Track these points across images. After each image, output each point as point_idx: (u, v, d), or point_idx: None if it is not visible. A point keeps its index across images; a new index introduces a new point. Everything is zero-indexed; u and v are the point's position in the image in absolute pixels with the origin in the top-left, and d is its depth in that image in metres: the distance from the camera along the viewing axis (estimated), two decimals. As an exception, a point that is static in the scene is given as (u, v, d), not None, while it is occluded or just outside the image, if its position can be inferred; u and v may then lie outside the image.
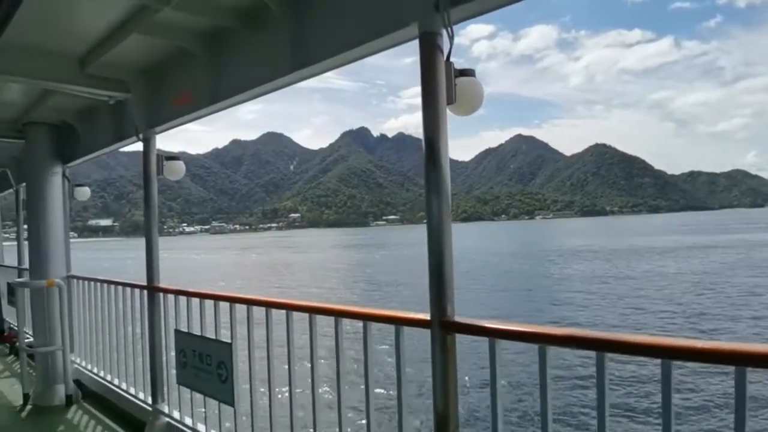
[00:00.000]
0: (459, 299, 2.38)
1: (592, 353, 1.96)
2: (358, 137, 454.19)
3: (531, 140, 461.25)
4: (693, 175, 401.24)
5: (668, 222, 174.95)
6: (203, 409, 4.16)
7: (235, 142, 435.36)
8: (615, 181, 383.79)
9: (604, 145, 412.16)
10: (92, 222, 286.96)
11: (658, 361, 1.79)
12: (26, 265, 7.69)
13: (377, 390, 3.01)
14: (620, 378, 14.91)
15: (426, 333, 2.42)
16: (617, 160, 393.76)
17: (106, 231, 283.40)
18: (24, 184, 8.09)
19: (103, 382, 5.74)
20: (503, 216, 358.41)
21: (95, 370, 6.00)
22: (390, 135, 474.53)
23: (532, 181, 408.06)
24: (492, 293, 36.03)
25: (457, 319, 2.36)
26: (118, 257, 78.85)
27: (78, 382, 6.03)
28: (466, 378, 13.57)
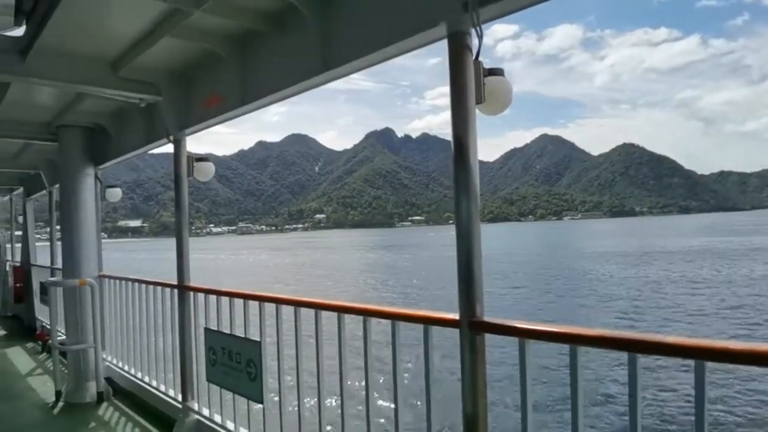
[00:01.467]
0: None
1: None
2: (382, 138, 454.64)
3: (557, 140, 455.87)
4: (723, 175, 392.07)
5: (701, 223, 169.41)
6: (232, 407, 4.20)
7: (261, 144, 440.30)
8: (644, 182, 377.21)
9: (632, 145, 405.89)
10: (122, 223, 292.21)
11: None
12: (59, 264, 7.89)
13: (404, 389, 2.98)
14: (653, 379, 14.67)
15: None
16: (646, 160, 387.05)
17: (135, 232, 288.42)
18: (57, 185, 8.27)
19: (134, 379, 5.84)
20: (530, 217, 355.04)
21: (126, 368, 6.10)
22: (414, 136, 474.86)
23: (559, 181, 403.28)
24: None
25: (487, 319, 2.34)
26: (156, 257, 79.55)
27: (109, 380, 6.14)
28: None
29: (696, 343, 1.73)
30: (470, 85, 2.31)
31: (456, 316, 2.40)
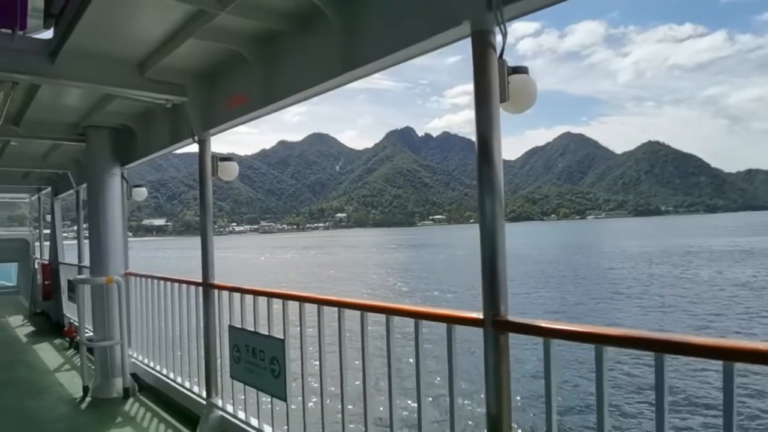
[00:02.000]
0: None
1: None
2: (402, 137, 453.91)
3: (580, 138, 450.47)
4: (751, 174, 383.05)
5: (726, 222, 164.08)
6: (256, 404, 4.24)
7: (282, 143, 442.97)
8: (669, 180, 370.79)
9: (657, 143, 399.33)
10: (146, 222, 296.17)
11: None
12: (86, 262, 8.03)
13: (429, 389, 2.97)
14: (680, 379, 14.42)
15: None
16: (671, 158, 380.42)
17: (159, 230, 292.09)
18: (84, 184, 8.42)
19: (159, 375, 5.93)
20: (553, 216, 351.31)
21: (151, 364, 6.20)
22: (434, 135, 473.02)
23: (582, 180, 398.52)
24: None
25: (511, 318, 2.33)
26: (184, 255, 78.88)
27: (134, 376, 6.23)
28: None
29: (724, 343, 1.71)
30: (494, 83, 2.30)
31: (480, 315, 2.39)
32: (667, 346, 1.87)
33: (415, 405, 2.88)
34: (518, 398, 12.69)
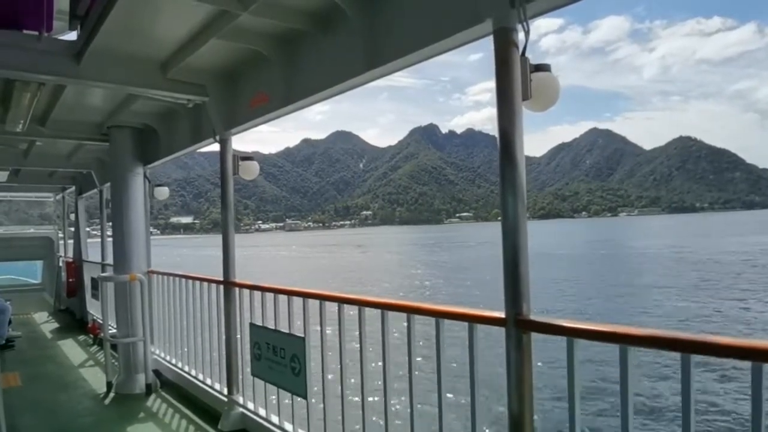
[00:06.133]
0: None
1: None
2: (426, 134, 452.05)
3: (607, 134, 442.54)
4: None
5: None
6: (277, 401, 4.26)
7: (306, 141, 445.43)
8: (703, 176, 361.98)
9: (689, 138, 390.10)
10: (174, 219, 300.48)
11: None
12: (109, 260, 8.15)
13: (449, 390, 2.94)
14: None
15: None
16: (704, 154, 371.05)
17: (187, 228, 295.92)
18: (108, 184, 8.56)
19: (181, 372, 6.00)
20: (583, 213, 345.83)
21: (173, 361, 6.27)
22: (458, 132, 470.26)
23: (611, 176, 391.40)
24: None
25: (534, 317, 2.30)
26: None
27: (157, 372, 6.31)
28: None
29: (753, 343, 1.66)
30: (517, 81, 2.27)
31: (502, 314, 2.36)
32: (694, 346, 1.82)
33: (436, 404, 2.84)
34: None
